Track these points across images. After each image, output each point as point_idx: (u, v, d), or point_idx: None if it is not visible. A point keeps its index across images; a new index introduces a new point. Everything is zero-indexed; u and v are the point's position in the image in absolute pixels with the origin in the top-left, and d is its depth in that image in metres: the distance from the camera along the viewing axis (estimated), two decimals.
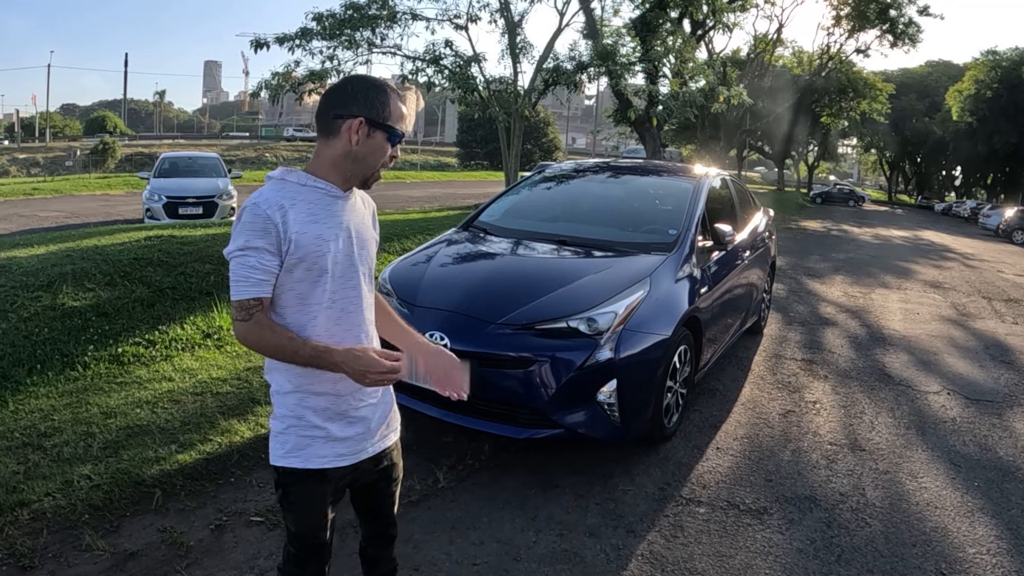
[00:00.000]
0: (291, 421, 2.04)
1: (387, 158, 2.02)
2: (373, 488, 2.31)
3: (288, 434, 2.04)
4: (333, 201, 2.01)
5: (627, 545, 3.45)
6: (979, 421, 5.42)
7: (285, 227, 1.89)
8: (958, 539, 3.68)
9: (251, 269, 1.88)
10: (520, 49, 17.04)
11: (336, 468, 2.08)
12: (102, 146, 51.46)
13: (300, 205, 1.94)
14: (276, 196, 1.92)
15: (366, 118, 1.95)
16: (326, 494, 2.12)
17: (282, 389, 2.04)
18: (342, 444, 2.08)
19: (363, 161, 2.00)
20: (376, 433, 2.19)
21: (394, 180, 44.37)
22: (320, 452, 2.05)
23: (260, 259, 1.88)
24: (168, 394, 4.84)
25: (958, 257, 18.64)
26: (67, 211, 20.87)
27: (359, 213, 2.12)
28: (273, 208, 1.89)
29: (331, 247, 1.97)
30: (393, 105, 1.99)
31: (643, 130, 19.28)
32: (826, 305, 9.78)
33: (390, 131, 1.98)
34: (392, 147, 2.02)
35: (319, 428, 2.04)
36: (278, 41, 15.48)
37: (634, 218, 5.63)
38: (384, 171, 2.08)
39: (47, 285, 6.22)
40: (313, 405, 2.03)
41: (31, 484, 3.59)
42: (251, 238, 1.87)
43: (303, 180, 1.99)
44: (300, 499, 2.10)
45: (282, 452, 2.05)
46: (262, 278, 1.89)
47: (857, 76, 41.25)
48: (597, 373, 3.93)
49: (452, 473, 4.08)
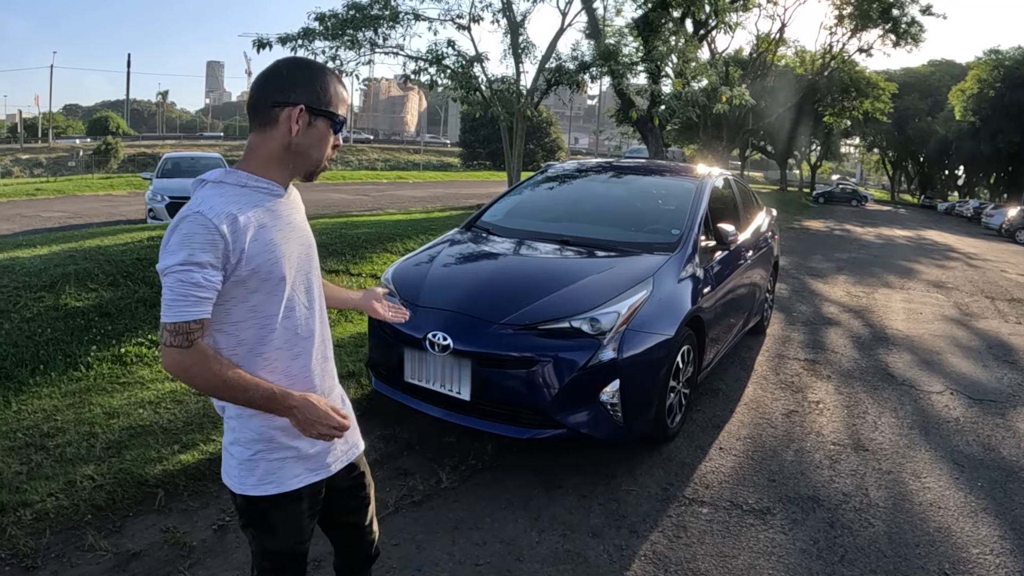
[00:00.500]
0: (259, 446, 1.90)
1: (330, 147, 1.89)
2: (350, 496, 2.20)
3: (257, 461, 1.90)
4: (276, 201, 1.85)
5: (630, 545, 3.45)
6: (982, 421, 5.41)
7: (235, 238, 1.71)
8: (961, 539, 3.68)
9: (193, 287, 1.66)
10: (522, 49, 17.03)
11: (309, 485, 1.99)
12: (105, 146, 51.57)
13: (247, 210, 1.76)
14: (222, 203, 1.73)
15: (306, 105, 1.79)
16: (303, 510, 2.02)
17: (245, 412, 1.87)
18: (312, 460, 1.98)
19: (305, 153, 1.85)
20: (344, 440, 2.10)
21: (396, 180, 44.38)
22: (293, 472, 1.94)
23: (205, 275, 1.67)
24: (171, 394, 4.84)
25: (961, 257, 18.61)
26: (70, 211, 20.90)
27: (299, 208, 1.99)
28: (220, 217, 1.69)
29: (284, 251, 1.83)
30: (334, 89, 1.85)
31: (646, 130, 19.28)
32: (829, 305, 9.77)
33: (332, 117, 1.84)
34: (334, 135, 1.89)
35: (290, 448, 1.92)
36: (280, 41, 15.47)
37: (637, 218, 5.63)
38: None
39: (50, 285, 6.22)
40: (281, 424, 1.88)
41: (34, 484, 3.59)
42: (195, 251, 1.66)
43: (243, 180, 1.81)
44: (278, 521, 1.99)
45: (253, 481, 1.91)
46: (205, 296, 1.68)
47: (860, 75, 41.18)
48: (600, 373, 3.92)
49: (455, 473, 4.08)
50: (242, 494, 1.93)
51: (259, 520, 1.98)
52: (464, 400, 4.03)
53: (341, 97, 1.87)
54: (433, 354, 4.05)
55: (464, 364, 3.99)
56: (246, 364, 1.83)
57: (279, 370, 1.88)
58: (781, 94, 37.81)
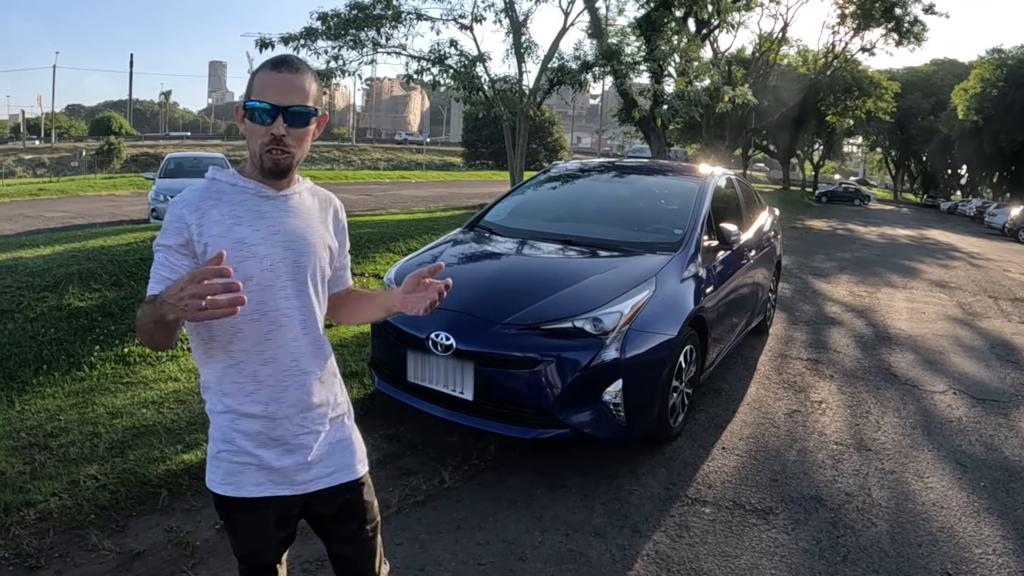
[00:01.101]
0: (222, 445, 1.87)
1: (266, 138, 1.78)
2: (339, 526, 2.06)
3: (220, 459, 1.88)
4: (262, 202, 1.85)
5: (633, 545, 3.45)
6: (985, 421, 5.41)
7: (200, 230, 1.76)
8: (964, 539, 3.67)
9: (159, 266, 1.75)
10: (525, 49, 17.03)
11: (275, 497, 1.90)
12: (107, 146, 51.62)
13: (223, 206, 1.80)
14: (197, 197, 1.81)
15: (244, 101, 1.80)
16: (267, 521, 1.93)
17: (214, 408, 1.88)
18: (279, 473, 1.88)
19: (250, 147, 1.83)
20: (328, 463, 1.97)
21: (399, 180, 44.41)
22: (254, 479, 1.87)
23: (167, 256, 1.75)
24: (174, 394, 4.85)
25: (964, 256, 18.59)
26: (73, 211, 20.95)
27: (305, 215, 1.93)
28: (189, 208, 1.78)
29: (256, 251, 1.80)
30: (257, 79, 1.78)
31: (648, 129, 19.26)
32: (832, 304, 9.76)
33: (246, 107, 1.78)
34: (261, 124, 1.77)
35: (250, 455, 1.86)
36: (283, 41, 15.47)
37: (639, 218, 5.63)
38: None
39: (53, 285, 6.24)
40: (245, 428, 1.85)
41: (37, 484, 3.60)
42: (164, 236, 1.77)
43: (232, 180, 1.86)
44: (240, 526, 1.95)
45: (216, 479, 1.89)
46: (165, 275, 1.73)
47: (862, 75, 41.11)
48: (603, 373, 3.93)
49: (458, 473, 4.08)
50: (209, 489, 1.92)
51: (225, 519, 1.97)
52: (467, 400, 4.03)
53: (263, 86, 1.76)
54: (436, 354, 4.05)
55: (467, 364, 4.00)
56: (218, 358, 1.84)
57: (247, 372, 1.84)
58: (784, 93, 37.78)
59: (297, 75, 1.78)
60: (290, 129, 1.78)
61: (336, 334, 6.33)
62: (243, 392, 1.84)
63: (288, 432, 1.88)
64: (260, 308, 1.81)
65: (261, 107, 1.75)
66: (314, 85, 1.83)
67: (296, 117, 1.77)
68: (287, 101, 1.75)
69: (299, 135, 1.81)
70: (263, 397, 1.84)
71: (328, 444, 1.97)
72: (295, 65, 1.80)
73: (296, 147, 1.82)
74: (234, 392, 1.85)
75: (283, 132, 1.77)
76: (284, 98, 1.75)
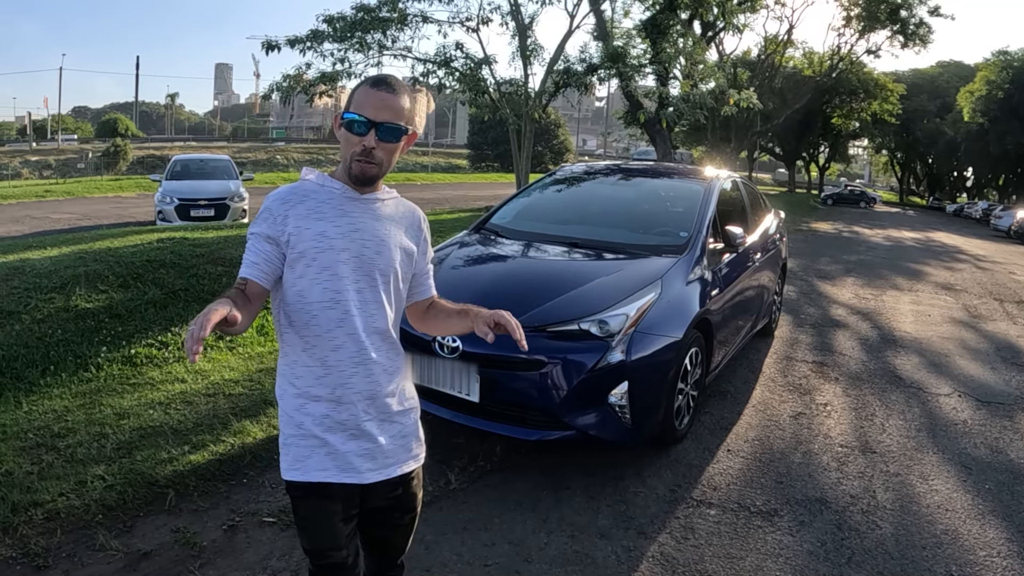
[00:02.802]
0: (290, 430, 1.98)
1: (358, 148, 1.92)
2: (383, 515, 2.15)
3: (289, 445, 1.99)
4: (347, 202, 1.98)
5: (638, 547, 3.46)
6: (990, 423, 5.40)
7: (285, 220, 1.91)
8: (969, 542, 3.67)
9: (248, 251, 1.90)
10: (531, 51, 17.04)
11: (341, 484, 1.98)
12: (114, 148, 51.70)
13: (309, 202, 1.95)
14: (287, 191, 1.97)
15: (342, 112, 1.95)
16: (335, 511, 2.00)
17: (286, 392, 2.01)
18: (343, 459, 1.97)
19: (342, 153, 1.98)
20: (388, 454, 2.06)
21: (404, 182, 44.42)
22: (320, 464, 1.96)
23: (255, 243, 1.90)
24: (181, 395, 4.87)
25: (969, 259, 18.54)
26: (79, 213, 21.02)
27: (386, 219, 2.04)
28: (278, 201, 1.94)
29: (334, 244, 1.93)
30: (357, 94, 1.95)
31: (654, 132, 19.24)
32: (837, 307, 9.75)
33: (344, 118, 1.93)
34: (355, 135, 1.92)
35: (317, 439, 1.96)
36: (289, 43, 15.50)
37: (645, 220, 5.63)
38: (393, 172, 2.01)
39: (60, 287, 6.26)
40: (312, 412, 1.96)
41: (45, 484, 3.62)
42: (255, 225, 1.92)
43: (321, 180, 2.00)
44: (308, 514, 2.02)
45: (285, 464, 1.99)
46: (254, 260, 1.88)
47: (868, 77, 41.10)
48: (608, 375, 3.93)
49: (464, 474, 4.09)
50: (283, 477, 2.01)
51: (295, 511, 2.06)
52: (473, 402, 4.04)
53: (362, 100, 1.91)
54: (442, 356, 4.06)
55: (473, 366, 4.00)
56: (293, 343, 1.99)
57: (317, 357, 1.96)
58: (789, 96, 37.80)
59: (393, 95, 1.93)
60: (380, 143, 1.92)
61: None
62: (313, 375, 1.96)
63: (354, 417, 1.99)
64: (334, 297, 1.94)
65: (357, 120, 1.90)
66: (408, 103, 1.97)
67: (388, 132, 1.92)
68: (380, 117, 1.90)
69: (389, 149, 1.95)
70: (331, 381, 1.96)
71: (392, 435, 2.07)
72: (393, 85, 1.95)
73: (385, 159, 1.96)
74: (304, 375, 1.97)
75: (374, 144, 1.91)
76: (378, 114, 1.90)
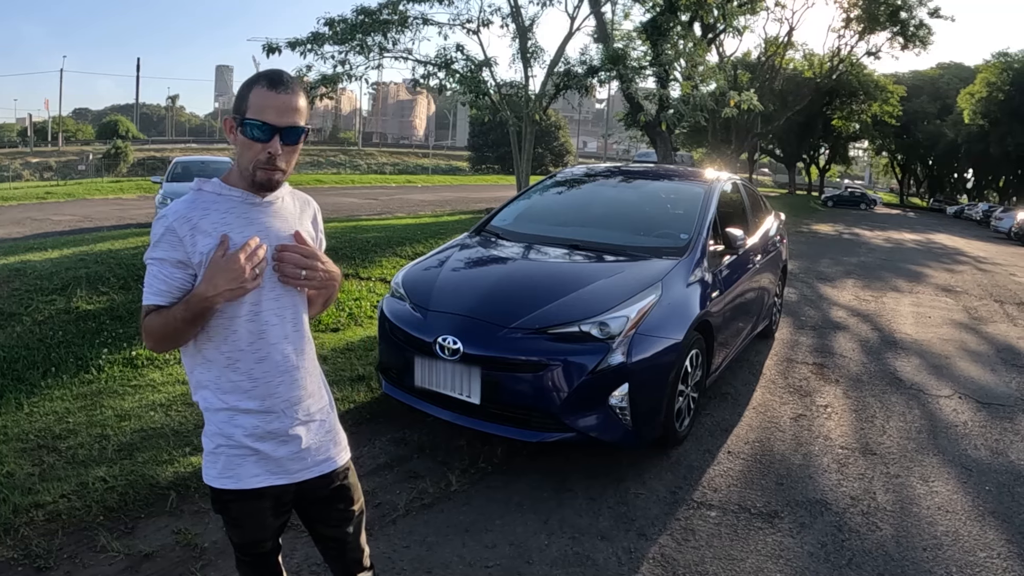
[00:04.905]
0: (220, 440, 1.97)
1: (262, 156, 1.85)
2: (328, 511, 2.17)
3: (218, 454, 1.98)
4: (250, 208, 1.92)
5: (639, 548, 3.46)
6: (991, 425, 5.40)
7: (193, 241, 1.84)
8: (969, 543, 3.67)
9: (153, 278, 1.85)
10: (531, 53, 17.07)
11: (272, 486, 2.00)
12: (114, 150, 51.67)
13: (213, 215, 1.88)
14: (186, 208, 1.88)
15: (233, 115, 1.86)
16: (265, 509, 2.05)
17: (212, 406, 1.97)
18: (275, 463, 1.99)
19: (240, 160, 1.90)
20: (316, 451, 2.07)
21: (405, 184, 44.46)
22: (252, 471, 1.97)
23: (161, 269, 1.84)
24: (182, 397, 4.87)
25: (970, 261, 18.54)
26: (80, 215, 21.05)
27: (288, 217, 2.02)
28: (181, 220, 1.85)
29: None
30: (253, 96, 1.83)
31: (654, 134, 19.26)
32: (837, 309, 9.75)
33: (242, 124, 1.83)
34: (256, 141, 1.84)
35: (248, 448, 1.96)
36: (290, 46, 15.53)
37: (646, 222, 5.64)
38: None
39: (61, 289, 6.27)
40: (242, 424, 1.95)
41: (46, 486, 3.62)
42: (156, 249, 1.85)
43: (218, 189, 1.92)
44: (240, 516, 2.06)
45: (215, 473, 1.99)
46: (163, 288, 1.84)
47: (868, 78, 41.12)
48: (609, 377, 3.94)
49: (465, 476, 4.09)
50: (208, 484, 2.02)
51: (223, 511, 2.07)
52: (474, 404, 4.05)
53: (261, 104, 1.83)
54: (443, 358, 4.06)
55: (474, 368, 4.01)
56: (215, 359, 1.94)
57: (242, 370, 1.94)
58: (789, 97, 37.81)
59: (293, 96, 1.86)
60: (284, 147, 1.87)
61: (343, 338, 6.36)
62: (240, 389, 1.94)
63: (283, 425, 1.99)
64: (253, 309, 1.92)
65: (259, 126, 1.82)
66: (304, 100, 1.91)
67: (292, 135, 1.87)
68: (284, 122, 1.84)
69: (292, 151, 1.92)
70: (259, 393, 1.95)
71: (317, 433, 2.08)
72: (289, 84, 1.86)
73: (287, 164, 1.92)
74: (232, 390, 1.94)
75: (279, 151, 1.86)
76: (281, 118, 1.83)
